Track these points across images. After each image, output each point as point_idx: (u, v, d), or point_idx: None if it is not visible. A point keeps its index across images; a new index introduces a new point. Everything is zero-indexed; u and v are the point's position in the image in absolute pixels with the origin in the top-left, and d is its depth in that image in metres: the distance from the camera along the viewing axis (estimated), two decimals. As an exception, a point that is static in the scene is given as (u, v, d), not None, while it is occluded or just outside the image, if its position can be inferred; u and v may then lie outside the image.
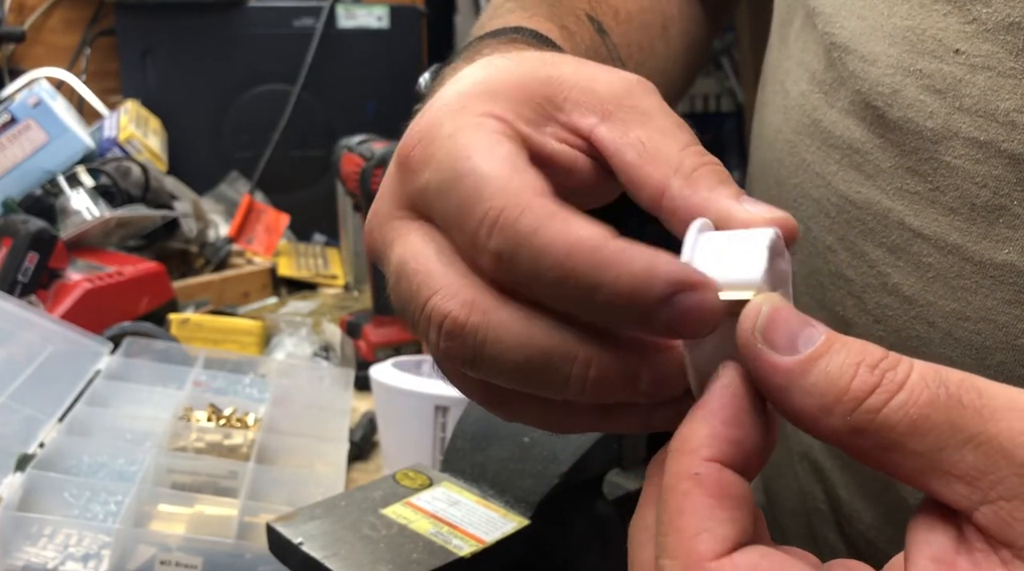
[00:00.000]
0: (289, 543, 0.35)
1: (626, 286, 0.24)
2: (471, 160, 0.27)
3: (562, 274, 0.25)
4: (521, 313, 0.26)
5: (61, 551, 0.62)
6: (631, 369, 0.26)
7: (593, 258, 0.25)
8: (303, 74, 1.59)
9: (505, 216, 0.25)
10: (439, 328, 0.27)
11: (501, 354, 0.26)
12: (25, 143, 1.19)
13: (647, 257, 0.25)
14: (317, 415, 0.87)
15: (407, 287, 0.28)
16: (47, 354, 0.85)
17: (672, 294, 0.24)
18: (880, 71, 0.40)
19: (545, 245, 0.25)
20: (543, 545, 0.37)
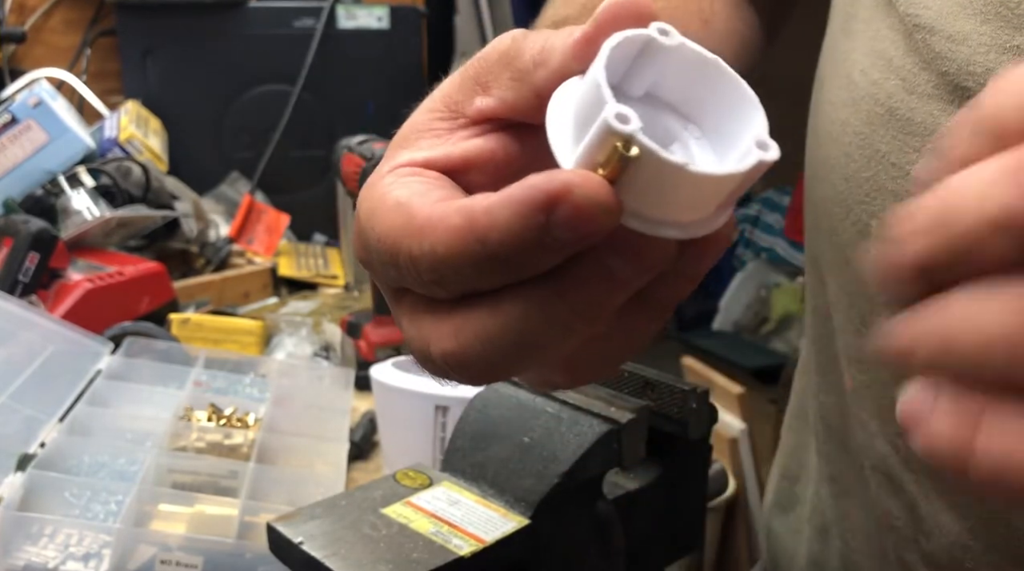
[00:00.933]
0: (289, 543, 0.35)
1: (509, 241, 0.25)
2: (376, 229, 0.29)
3: (469, 269, 0.26)
4: (490, 310, 0.27)
5: (62, 551, 0.62)
6: (602, 268, 0.26)
7: (470, 242, 0.25)
8: (303, 74, 1.59)
9: (420, 262, 0.27)
10: (458, 370, 0.28)
11: (489, 357, 0.27)
12: (26, 143, 1.19)
13: (504, 204, 0.25)
14: (317, 415, 0.87)
15: (411, 345, 0.30)
16: (48, 354, 0.85)
17: (546, 223, 0.24)
18: (971, 50, 0.38)
19: (442, 259, 0.26)
20: (543, 545, 0.37)
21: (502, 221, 0.25)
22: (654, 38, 0.27)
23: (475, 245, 0.25)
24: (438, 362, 0.28)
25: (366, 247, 0.29)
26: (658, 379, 0.42)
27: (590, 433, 0.38)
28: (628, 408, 0.38)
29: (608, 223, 0.24)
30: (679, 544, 0.46)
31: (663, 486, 0.43)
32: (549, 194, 0.24)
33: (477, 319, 0.27)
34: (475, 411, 0.41)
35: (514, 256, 0.25)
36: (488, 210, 0.25)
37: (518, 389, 0.41)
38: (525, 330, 0.26)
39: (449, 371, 0.28)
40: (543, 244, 0.25)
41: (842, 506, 0.52)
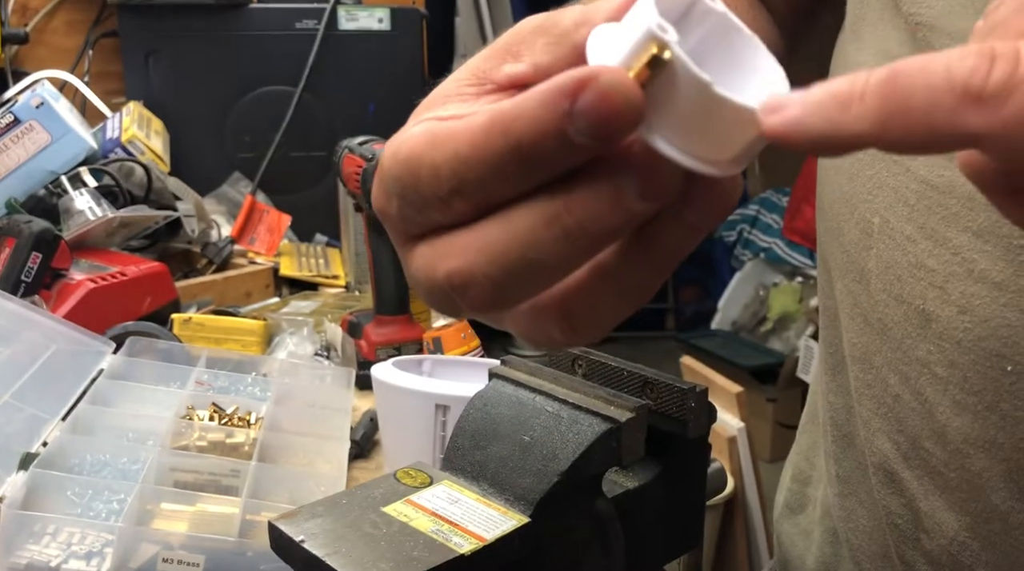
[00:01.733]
0: (291, 541, 0.36)
1: (532, 131, 0.25)
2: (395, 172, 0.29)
3: (490, 166, 0.26)
4: (488, 228, 0.27)
5: (64, 549, 0.62)
6: (611, 185, 0.26)
7: (494, 135, 0.26)
8: (305, 75, 1.60)
9: (442, 172, 0.27)
10: (461, 292, 0.28)
11: (503, 271, 0.27)
12: (28, 144, 1.20)
13: (532, 94, 0.25)
14: (318, 414, 0.87)
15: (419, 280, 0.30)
16: (50, 353, 0.86)
17: (571, 109, 0.24)
18: None
19: (464, 158, 0.27)
20: (543, 543, 0.38)
21: (528, 110, 0.25)
22: (700, 1, 0.27)
23: (499, 138, 0.26)
24: (442, 284, 0.28)
25: (385, 185, 0.30)
26: (657, 378, 0.42)
27: (590, 432, 0.38)
28: (627, 407, 0.39)
29: (630, 118, 0.24)
30: (678, 542, 0.47)
31: (662, 484, 0.43)
32: (576, 79, 0.24)
33: (486, 234, 0.27)
34: (475, 410, 0.41)
35: (536, 149, 0.25)
36: (515, 102, 0.26)
37: (518, 388, 0.41)
38: (531, 244, 0.27)
39: (453, 294, 0.28)
40: (565, 134, 0.25)
41: (847, 506, 0.53)
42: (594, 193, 0.26)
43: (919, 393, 0.44)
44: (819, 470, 0.60)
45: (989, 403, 0.41)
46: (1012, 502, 0.41)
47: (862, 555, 0.52)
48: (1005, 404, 0.40)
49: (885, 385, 0.46)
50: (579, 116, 0.24)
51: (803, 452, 0.62)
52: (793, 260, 3.05)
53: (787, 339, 2.96)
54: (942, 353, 0.42)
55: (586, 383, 0.41)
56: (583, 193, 0.26)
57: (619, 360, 0.44)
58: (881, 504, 0.48)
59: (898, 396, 0.45)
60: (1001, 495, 0.42)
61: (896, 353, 0.45)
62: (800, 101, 0.24)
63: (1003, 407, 0.40)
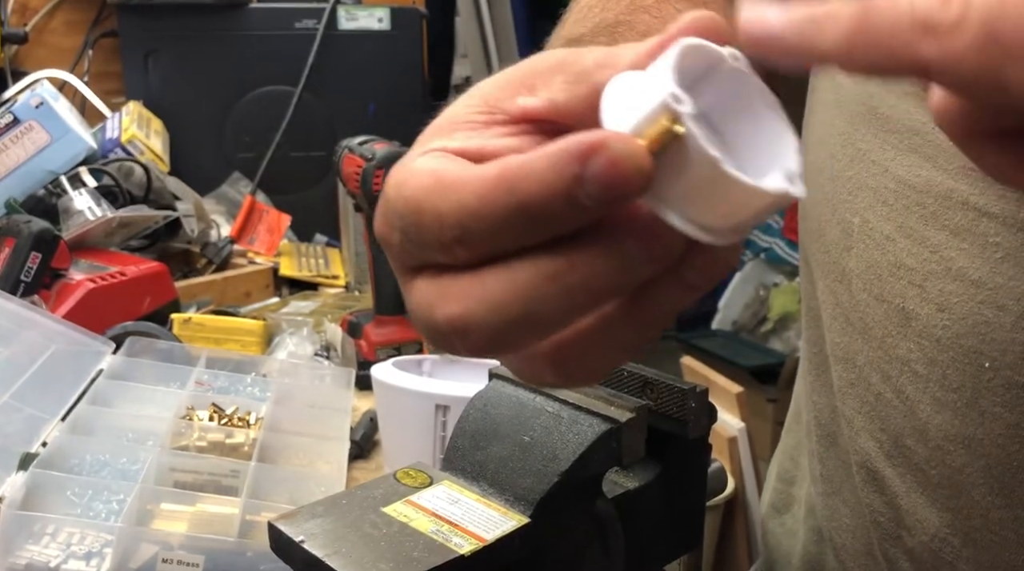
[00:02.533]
0: (290, 541, 0.36)
1: (540, 192, 0.25)
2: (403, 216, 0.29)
3: (495, 221, 0.26)
4: (490, 277, 0.27)
5: (64, 549, 0.62)
6: (616, 246, 0.26)
7: (500, 191, 0.26)
8: (304, 75, 1.60)
9: (444, 221, 0.27)
10: (460, 336, 0.28)
11: (503, 321, 0.27)
12: (28, 144, 1.20)
13: (542, 155, 0.25)
14: (318, 414, 0.87)
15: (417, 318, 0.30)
16: (50, 354, 0.86)
17: (581, 174, 0.25)
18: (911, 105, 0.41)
19: (471, 211, 0.27)
20: (543, 543, 0.38)
21: (537, 170, 0.25)
22: (725, 59, 0.27)
23: (506, 195, 0.26)
24: (442, 327, 0.28)
25: (388, 217, 0.30)
26: (657, 378, 0.42)
27: (590, 432, 0.38)
28: (627, 407, 0.39)
29: (638, 185, 0.25)
30: (678, 542, 0.47)
31: (662, 485, 0.43)
32: (587, 144, 0.25)
33: (487, 283, 0.27)
34: (475, 410, 0.41)
35: (543, 209, 0.25)
36: (524, 161, 0.26)
37: (518, 388, 0.41)
38: (532, 298, 0.27)
39: (452, 337, 0.28)
40: (573, 198, 0.25)
41: (831, 505, 0.53)
42: (599, 253, 0.26)
43: (900, 391, 0.44)
44: (803, 469, 0.60)
45: (968, 400, 0.41)
46: (992, 498, 0.42)
47: (846, 554, 0.52)
48: (984, 400, 0.41)
49: (867, 384, 0.47)
50: (589, 181, 0.25)
51: (787, 452, 0.63)
52: (794, 260, 3.05)
53: (787, 339, 2.96)
54: (922, 351, 0.43)
55: (586, 383, 0.41)
56: (588, 252, 0.26)
57: (619, 360, 0.44)
58: (864, 502, 0.49)
59: (880, 395, 0.46)
60: (981, 491, 0.42)
61: (878, 352, 0.45)
62: (780, 16, 0.26)
63: (982, 404, 0.41)
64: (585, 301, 0.27)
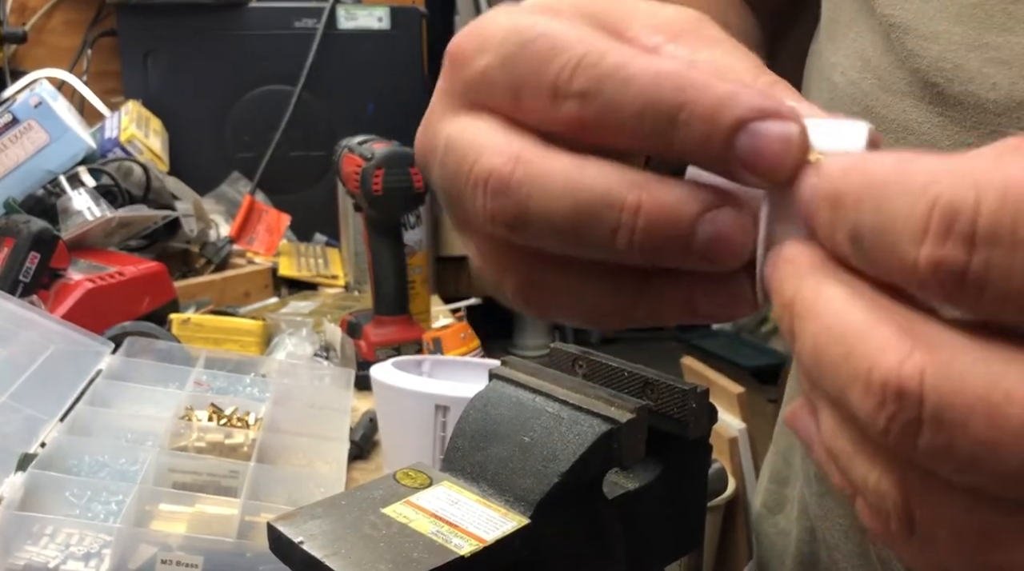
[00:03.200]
0: (290, 542, 0.35)
1: (707, 108, 0.24)
2: (537, 28, 0.27)
3: (647, 101, 0.25)
4: (569, 160, 0.26)
5: (62, 550, 0.62)
6: (686, 219, 0.25)
7: (678, 81, 0.25)
8: (304, 75, 1.60)
9: (588, 59, 0.25)
10: (485, 187, 0.27)
11: (548, 205, 0.26)
12: (27, 143, 1.20)
13: (731, 84, 0.24)
14: (318, 415, 0.87)
15: (453, 159, 0.28)
16: (48, 354, 0.86)
17: (752, 119, 0.24)
18: (942, 48, 0.40)
19: (632, 74, 0.25)
20: (543, 544, 0.38)
21: (713, 93, 0.24)
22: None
23: (671, 92, 0.24)
24: (479, 177, 0.27)
25: (489, 34, 0.28)
26: (658, 379, 0.42)
27: (590, 433, 0.38)
28: (628, 408, 0.39)
29: (781, 171, 0.24)
30: (679, 543, 0.47)
31: (663, 485, 0.43)
32: (775, 109, 0.24)
33: (549, 158, 0.26)
34: (475, 411, 0.41)
35: (697, 127, 0.24)
36: (708, 79, 0.25)
37: (518, 389, 0.41)
38: (588, 200, 0.26)
39: (479, 190, 0.27)
40: (725, 139, 0.24)
41: (825, 504, 0.53)
42: (667, 207, 0.25)
43: None
44: (796, 470, 0.60)
45: None
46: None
47: (839, 553, 0.52)
48: None
49: None
50: (750, 133, 0.24)
51: (780, 453, 0.63)
52: (793, 260, 3.05)
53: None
54: None
55: (586, 384, 0.41)
56: (659, 199, 0.25)
57: (619, 361, 0.44)
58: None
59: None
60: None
61: None
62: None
63: None
64: (627, 240, 0.25)
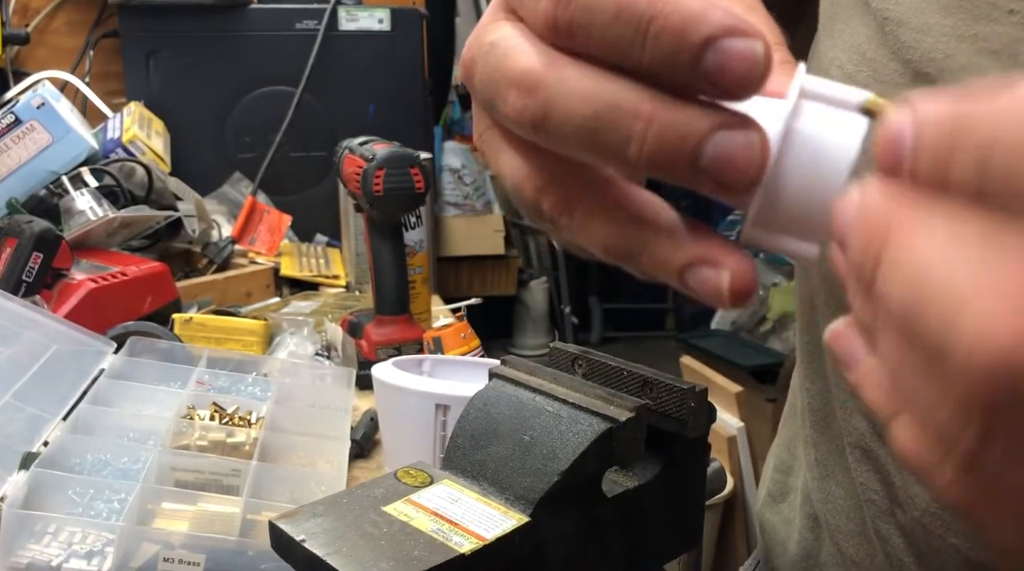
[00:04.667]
0: (291, 540, 0.36)
1: (676, 23, 0.25)
2: None
3: (619, 7, 0.26)
4: (592, 70, 0.28)
5: (65, 548, 0.63)
6: (695, 135, 0.26)
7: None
8: (305, 76, 1.60)
9: None
10: (518, 85, 0.28)
11: (570, 106, 0.28)
12: (29, 144, 1.20)
13: (702, 2, 0.26)
14: (319, 414, 0.87)
15: (493, 60, 0.30)
16: (51, 353, 0.86)
17: (720, 36, 0.25)
18: (934, 40, 0.41)
19: None
20: (543, 542, 0.38)
21: (692, 5, 0.25)
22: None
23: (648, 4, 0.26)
24: (512, 74, 0.29)
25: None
26: (657, 378, 0.43)
27: (589, 431, 0.38)
28: (627, 407, 0.39)
29: (749, 86, 0.26)
30: (678, 541, 0.47)
31: (662, 484, 0.43)
32: (741, 27, 0.25)
33: (575, 66, 0.28)
34: (475, 410, 0.41)
35: (666, 40, 0.26)
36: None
37: (518, 388, 0.41)
38: (600, 106, 0.27)
39: (515, 94, 0.29)
40: (694, 54, 0.25)
41: (826, 488, 0.54)
42: (676, 121, 0.27)
43: None
44: (799, 459, 0.61)
45: None
46: None
47: (840, 534, 0.53)
48: None
49: None
50: (717, 50, 0.25)
51: (784, 443, 0.64)
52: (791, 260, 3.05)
53: (787, 339, 2.97)
54: None
55: (586, 383, 0.41)
56: (670, 113, 0.26)
57: (619, 360, 0.44)
58: (858, 482, 0.50)
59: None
60: None
61: None
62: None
63: None
64: (638, 150, 0.27)
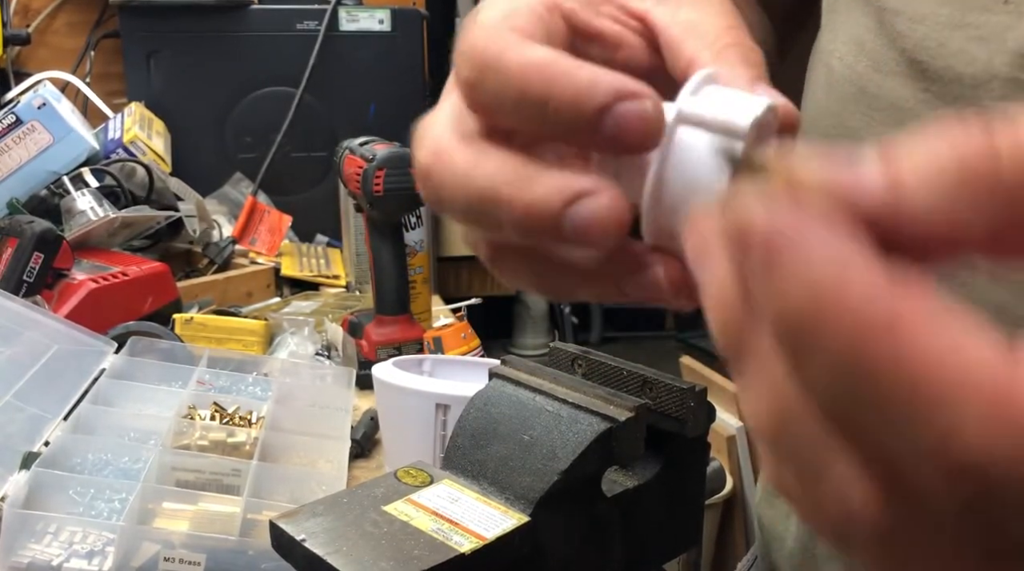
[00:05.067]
0: (292, 540, 0.36)
1: (571, 96, 0.27)
2: (475, 27, 0.31)
3: (519, 91, 0.28)
4: (472, 154, 0.30)
5: (66, 548, 0.63)
6: (550, 212, 0.28)
7: (544, 73, 0.28)
8: (306, 76, 1.60)
9: (474, 50, 0.30)
10: (417, 172, 0.31)
11: (451, 196, 0.30)
12: (30, 144, 1.20)
13: (593, 71, 0.27)
14: (319, 413, 0.87)
15: (416, 141, 0.33)
16: (52, 353, 0.86)
17: (612, 103, 0.27)
18: (928, 28, 0.43)
19: (505, 65, 0.29)
20: (543, 542, 0.38)
21: (583, 79, 0.27)
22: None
23: (538, 83, 0.28)
24: (417, 168, 0.32)
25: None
26: (656, 378, 0.43)
27: (589, 431, 0.38)
28: (627, 406, 0.39)
29: (646, 142, 0.27)
30: (677, 541, 0.47)
31: (661, 483, 0.44)
32: (629, 91, 0.27)
33: (457, 153, 0.30)
34: (475, 410, 0.41)
35: (564, 112, 0.27)
36: (570, 68, 0.28)
37: (518, 388, 0.41)
38: (471, 196, 0.29)
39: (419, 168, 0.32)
40: (592, 120, 0.27)
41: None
42: (533, 202, 0.28)
43: None
44: None
45: None
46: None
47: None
48: None
49: None
50: (611, 114, 0.27)
51: None
52: (794, 260, 3.04)
53: (788, 339, 2.96)
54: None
55: (586, 382, 0.41)
56: (527, 196, 0.28)
57: (618, 360, 0.44)
58: None
59: None
60: None
61: None
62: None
63: None
64: (510, 229, 0.29)
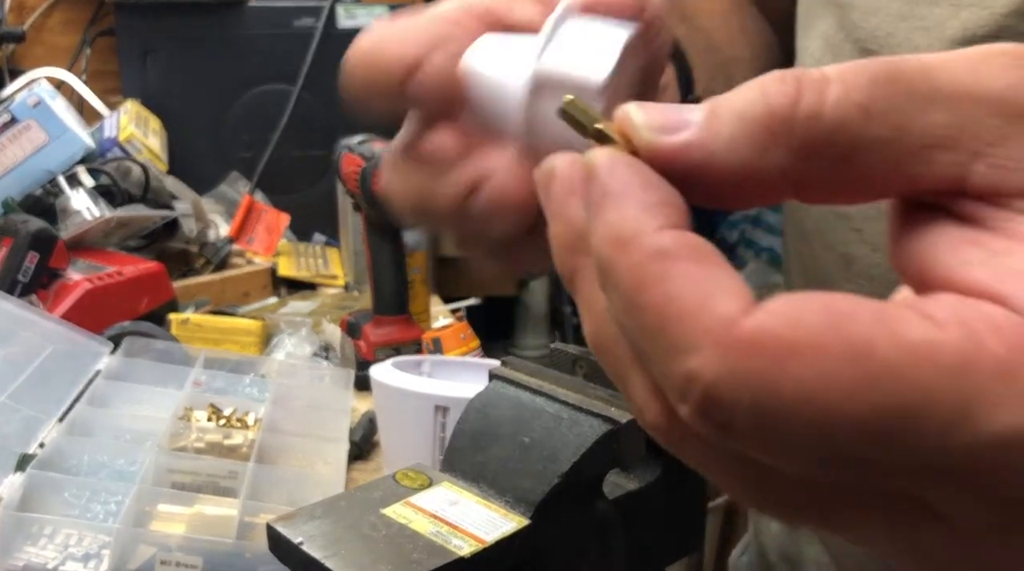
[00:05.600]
0: (289, 543, 0.35)
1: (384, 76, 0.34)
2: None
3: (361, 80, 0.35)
4: (395, 175, 0.36)
5: (61, 551, 0.62)
6: (457, 205, 0.33)
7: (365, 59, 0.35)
8: (303, 74, 1.59)
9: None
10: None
11: (403, 213, 0.35)
12: (25, 143, 1.19)
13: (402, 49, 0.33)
14: (317, 415, 0.87)
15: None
16: (47, 354, 0.85)
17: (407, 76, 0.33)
18: (880, 19, 0.46)
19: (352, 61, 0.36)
20: (543, 545, 0.38)
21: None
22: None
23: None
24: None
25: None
26: (658, 379, 0.42)
27: (590, 433, 0.38)
28: (628, 408, 0.39)
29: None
30: (679, 544, 0.47)
31: (663, 486, 0.43)
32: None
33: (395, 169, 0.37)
34: (475, 411, 0.41)
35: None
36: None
37: (518, 390, 0.41)
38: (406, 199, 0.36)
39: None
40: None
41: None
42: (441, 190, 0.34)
43: None
44: None
45: None
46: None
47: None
48: None
49: None
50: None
51: None
52: (792, 259, 3.05)
53: (786, 339, 2.97)
54: (861, 290, 0.46)
55: (587, 384, 0.41)
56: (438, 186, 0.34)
57: (620, 361, 0.44)
58: None
59: None
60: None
61: None
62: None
63: None
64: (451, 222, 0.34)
